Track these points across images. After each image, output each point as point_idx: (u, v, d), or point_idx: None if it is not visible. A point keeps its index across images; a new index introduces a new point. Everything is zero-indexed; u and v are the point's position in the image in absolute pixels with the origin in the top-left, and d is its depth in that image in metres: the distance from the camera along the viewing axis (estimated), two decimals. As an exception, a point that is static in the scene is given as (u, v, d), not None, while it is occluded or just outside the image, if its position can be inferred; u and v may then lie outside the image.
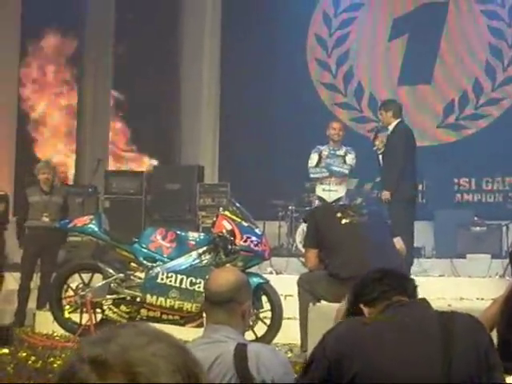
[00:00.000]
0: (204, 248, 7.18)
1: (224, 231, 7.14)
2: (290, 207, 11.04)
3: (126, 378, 1.16)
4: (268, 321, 7.08)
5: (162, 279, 7.06)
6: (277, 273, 9.37)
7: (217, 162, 13.51)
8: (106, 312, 7.22)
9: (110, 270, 7.33)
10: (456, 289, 8.54)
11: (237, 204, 7.59)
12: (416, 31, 12.81)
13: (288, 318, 7.14)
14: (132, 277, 7.29)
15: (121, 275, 7.29)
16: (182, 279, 7.03)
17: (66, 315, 7.47)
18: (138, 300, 7.11)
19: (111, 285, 7.23)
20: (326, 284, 6.27)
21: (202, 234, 7.67)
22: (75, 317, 7.42)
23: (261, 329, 7.02)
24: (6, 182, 11.23)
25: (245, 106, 13.12)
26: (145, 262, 7.21)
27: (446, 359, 2.57)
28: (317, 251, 6.45)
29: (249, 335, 6.20)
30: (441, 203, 11.72)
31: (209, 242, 7.21)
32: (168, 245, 7.30)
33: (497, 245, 10.62)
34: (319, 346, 2.72)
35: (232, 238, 7.11)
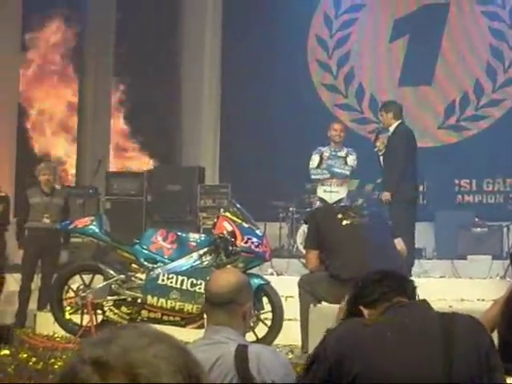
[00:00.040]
0: (205, 249, 7.18)
1: (225, 232, 7.14)
2: (291, 208, 11.03)
3: (128, 379, 1.16)
4: (269, 322, 7.08)
5: (163, 280, 7.06)
6: (277, 274, 9.37)
7: (217, 163, 13.52)
8: (107, 313, 7.22)
9: (111, 271, 7.33)
10: (457, 290, 8.53)
11: (237, 205, 7.59)
12: (417, 32, 12.81)
13: (289, 319, 7.13)
14: (133, 278, 7.29)
15: (122, 276, 7.28)
16: (183, 280, 7.02)
17: (67, 316, 7.46)
18: (139, 301, 7.11)
19: (112, 286, 7.23)
20: (327, 285, 6.26)
21: (203, 236, 7.67)
22: (76, 318, 7.42)
23: (262, 330, 7.01)
24: (7, 183, 11.22)
25: (245, 107, 13.12)
26: (146, 263, 7.21)
27: (447, 361, 2.57)
28: (318, 252, 6.44)
29: (250, 336, 6.20)
30: (442, 204, 11.71)
31: (209, 244, 7.21)
32: (169, 246, 7.29)
33: (497, 246, 10.62)
34: (320, 347, 2.72)
35: (233, 240, 7.10)
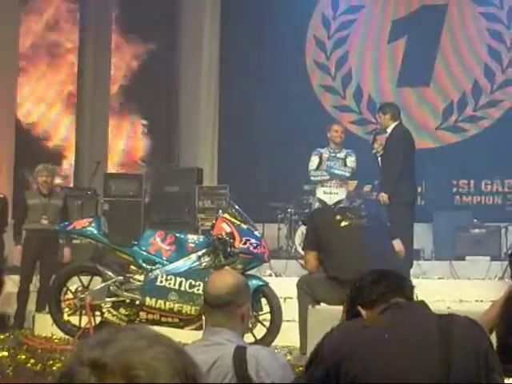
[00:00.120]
0: (203, 250, 7.17)
1: (223, 234, 7.13)
2: (289, 209, 11.04)
3: (125, 381, 1.16)
4: (267, 323, 7.07)
5: (162, 282, 7.05)
6: (276, 275, 9.38)
7: (216, 165, 13.51)
8: (105, 315, 7.21)
9: (110, 273, 7.32)
10: (455, 291, 8.54)
11: (236, 206, 7.58)
12: (415, 33, 12.82)
13: (287, 321, 7.13)
14: (131, 279, 7.28)
15: (120, 278, 7.28)
16: (182, 282, 7.02)
17: (66, 318, 7.45)
18: (138, 303, 7.10)
19: (110, 287, 7.22)
20: (326, 286, 6.26)
21: (202, 237, 7.66)
22: (74, 319, 7.42)
23: (260, 331, 7.01)
24: (5, 185, 11.21)
25: (243, 108, 13.13)
26: (144, 265, 7.20)
27: (445, 363, 2.57)
28: (316, 253, 6.44)
29: (248, 338, 6.20)
30: (440, 205, 11.72)
31: (208, 245, 7.20)
32: (167, 247, 7.29)
33: (496, 247, 10.62)
34: (318, 348, 2.72)
35: (231, 241, 7.09)
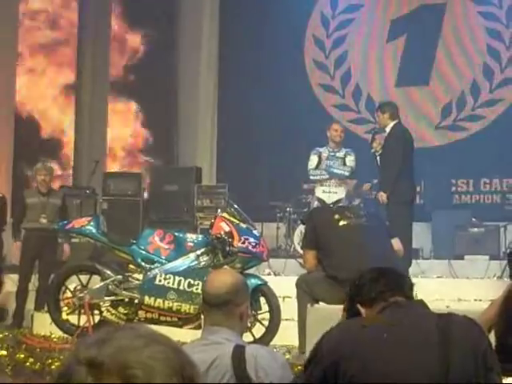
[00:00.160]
0: (202, 249, 7.17)
1: (222, 233, 7.13)
2: (288, 209, 11.03)
3: (121, 380, 1.16)
4: (266, 322, 7.07)
5: (160, 281, 7.05)
6: (275, 274, 9.37)
7: (215, 163, 13.51)
8: (104, 313, 7.22)
9: (108, 272, 7.32)
10: (454, 290, 8.54)
11: (235, 205, 7.58)
12: (414, 32, 12.81)
13: (286, 320, 7.13)
14: (130, 278, 7.28)
15: (119, 277, 7.28)
16: (180, 281, 7.02)
17: (64, 317, 7.46)
18: (136, 301, 7.10)
19: (109, 286, 7.23)
20: (325, 285, 6.25)
21: (200, 236, 7.66)
22: (73, 318, 7.42)
23: (259, 330, 7.01)
24: (4, 183, 11.21)
25: (242, 107, 13.12)
26: (143, 264, 7.20)
27: (444, 363, 2.57)
28: (315, 252, 6.43)
29: (247, 337, 6.20)
30: (439, 204, 11.71)
31: (207, 244, 7.20)
32: (166, 246, 7.29)
33: (495, 246, 10.61)
34: (317, 347, 2.72)
35: (230, 240, 7.09)
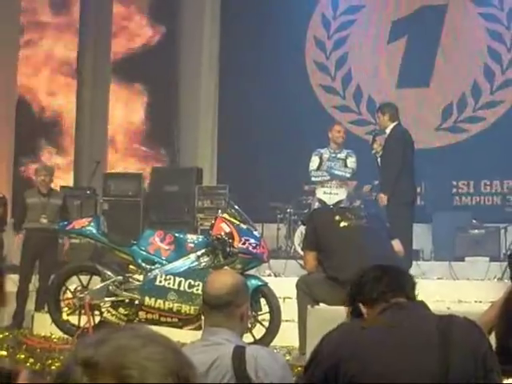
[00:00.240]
0: (202, 250, 7.17)
1: (222, 233, 7.13)
2: (289, 210, 11.02)
3: (116, 380, 1.16)
4: (266, 323, 7.07)
5: (161, 281, 7.05)
6: (275, 275, 9.37)
7: (215, 164, 13.50)
8: (105, 314, 7.22)
9: (109, 273, 7.32)
10: (454, 291, 8.54)
11: (235, 206, 7.58)
12: (415, 33, 12.80)
13: (286, 321, 7.13)
14: (130, 279, 7.28)
15: (119, 277, 7.28)
16: (181, 281, 7.02)
17: (65, 317, 7.46)
18: (137, 302, 7.10)
19: (109, 287, 7.23)
20: (325, 287, 6.25)
21: (201, 237, 7.66)
22: (73, 319, 7.42)
23: (259, 331, 7.01)
24: (4, 183, 11.21)
25: (243, 108, 13.12)
26: (143, 265, 7.20)
27: (444, 365, 2.57)
28: (315, 253, 6.43)
29: (247, 338, 6.20)
30: (439, 206, 11.70)
31: (207, 245, 7.20)
32: (166, 247, 7.29)
33: (495, 248, 10.60)
34: (318, 349, 2.72)
35: (230, 241, 7.09)
